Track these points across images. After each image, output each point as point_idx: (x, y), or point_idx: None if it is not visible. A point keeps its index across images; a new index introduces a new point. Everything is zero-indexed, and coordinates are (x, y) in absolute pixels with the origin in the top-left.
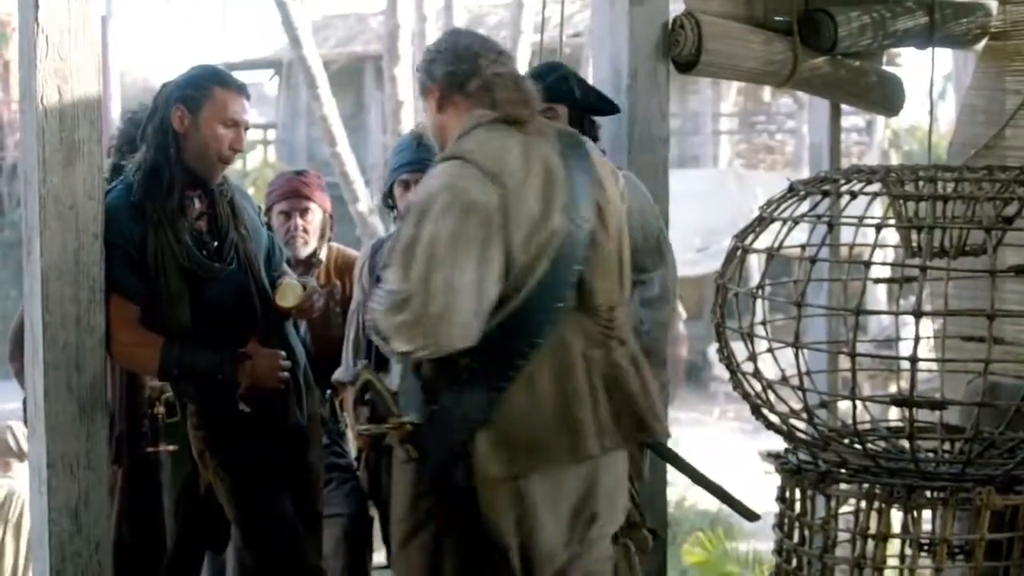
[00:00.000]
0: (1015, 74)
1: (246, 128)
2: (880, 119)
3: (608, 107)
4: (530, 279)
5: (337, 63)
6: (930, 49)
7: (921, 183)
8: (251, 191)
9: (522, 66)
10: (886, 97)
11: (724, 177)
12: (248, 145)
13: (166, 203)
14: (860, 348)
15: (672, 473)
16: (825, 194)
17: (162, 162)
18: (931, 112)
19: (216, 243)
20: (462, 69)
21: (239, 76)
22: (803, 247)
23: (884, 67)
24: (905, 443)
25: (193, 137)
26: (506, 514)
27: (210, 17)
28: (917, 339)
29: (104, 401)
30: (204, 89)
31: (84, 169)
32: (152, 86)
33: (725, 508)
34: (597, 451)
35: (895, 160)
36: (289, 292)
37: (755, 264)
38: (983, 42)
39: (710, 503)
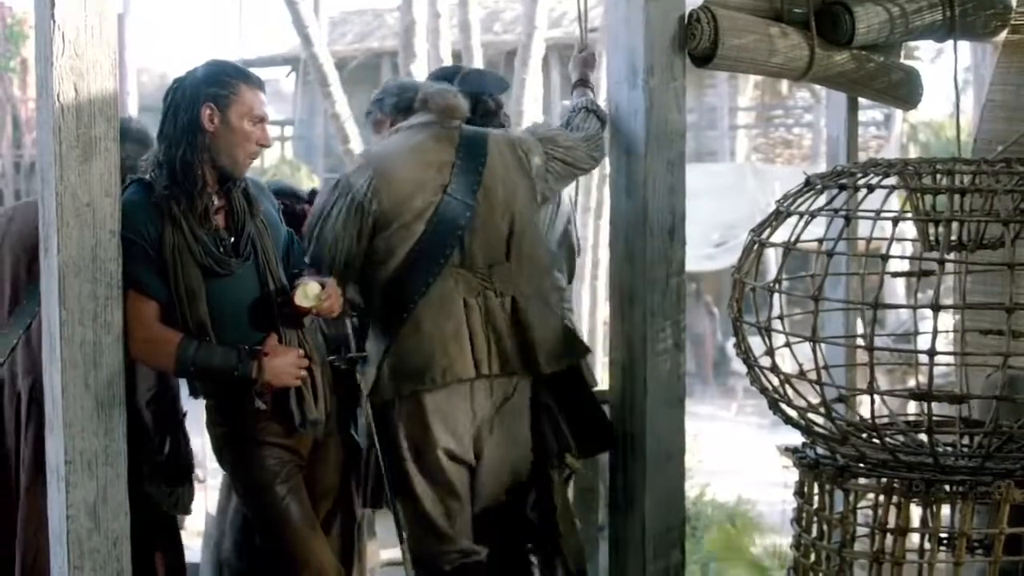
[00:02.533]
0: None
1: (267, 121)
2: (898, 113)
3: (491, 85)
4: (406, 243)
5: (354, 59)
6: (950, 42)
7: (939, 176)
8: None
9: (537, 61)
10: (905, 91)
11: (741, 171)
12: None
13: (194, 202)
14: (878, 342)
15: (688, 466)
16: (842, 188)
17: (193, 161)
18: (956, 105)
19: (233, 238)
20: (406, 97)
21: (257, 72)
22: (820, 241)
23: (904, 59)
24: (924, 437)
25: (223, 135)
26: (404, 425)
27: (227, 14)
28: (935, 333)
29: (122, 398)
30: (231, 87)
31: (101, 166)
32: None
33: (744, 503)
34: (472, 375)
35: (913, 154)
36: (308, 292)
37: (772, 258)
38: (1003, 35)
39: (728, 497)
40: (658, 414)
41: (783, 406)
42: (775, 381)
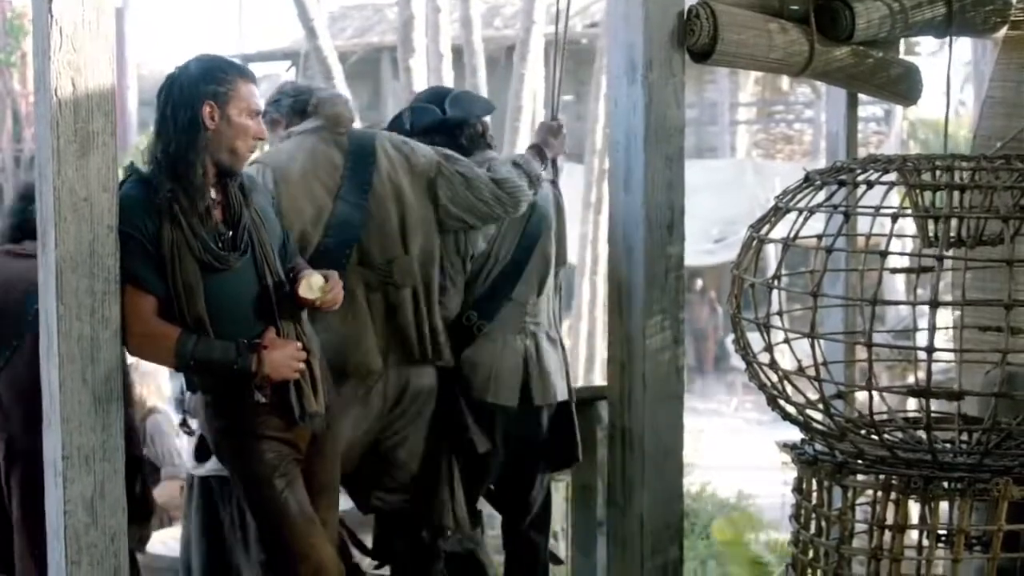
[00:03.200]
0: None
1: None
2: (898, 109)
3: (478, 108)
4: (307, 249)
5: (354, 54)
6: (948, 38)
7: (938, 172)
8: None
9: (537, 57)
10: (904, 86)
11: (742, 167)
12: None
13: (194, 200)
14: (877, 339)
15: (689, 462)
16: (841, 184)
17: (195, 159)
18: (947, 102)
19: (230, 232)
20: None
21: (256, 68)
22: (819, 237)
23: (904, 55)
24: (922, 434)
25: (224, 131)
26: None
27: (225, 9)
28: (934, 329)
29: (120, 393)
30: (229, 83)
31: (98, 161)
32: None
33: (744, 498)
34: (380, 366)
35: (913, 150)
36: (312, 283)
37: (772, 254)
38: (1003, 31)
39: (729, 492)
40: (657, 410)
41: (781, 402)
42: (774, 377)
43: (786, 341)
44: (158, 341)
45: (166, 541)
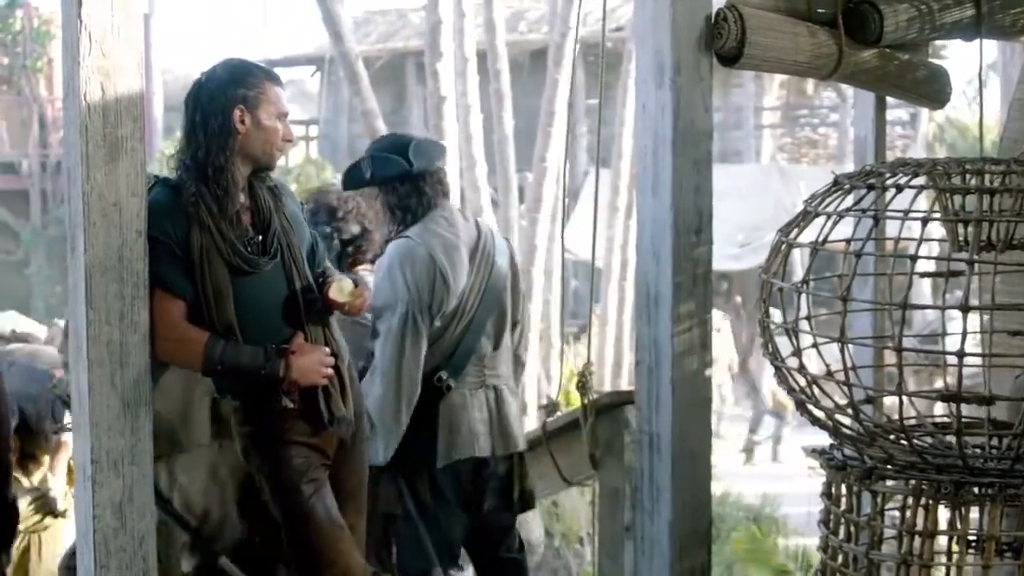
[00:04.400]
0: None
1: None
2: (924, 112)
3: (438, 155)
4: None
5: (379, 59)
6: (976, 41)
7: (968, 176)
8: (293, 188)
9: (568, 62)
10: (933, 89)
11: (767, 172)
12: None
13: (224, 204)
14: (905, 343)
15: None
16: (871, 188)
17: (225, 163)
18: (980, 104)
19: (260, 236)
20: None
21: (281, 72)
22: (848, 241)
23: (930, 58)
24: (952, 439)
25: (254, 135)
26: (163, 480)
27: (251, 14)
28: (964, 334)
29: (148, 398)
30: (258, 87)
31: (127, 166)
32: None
33: (769, 503)
34: (208, 440)
35: (940, 153)
36: (343, 287)
37: (798, 259)
38: None
39: (754, 498)
40: (684, 414)
41: (810, 407)
42: (802, 382)
43: (814, 346)
44: (186, 346)
45: None
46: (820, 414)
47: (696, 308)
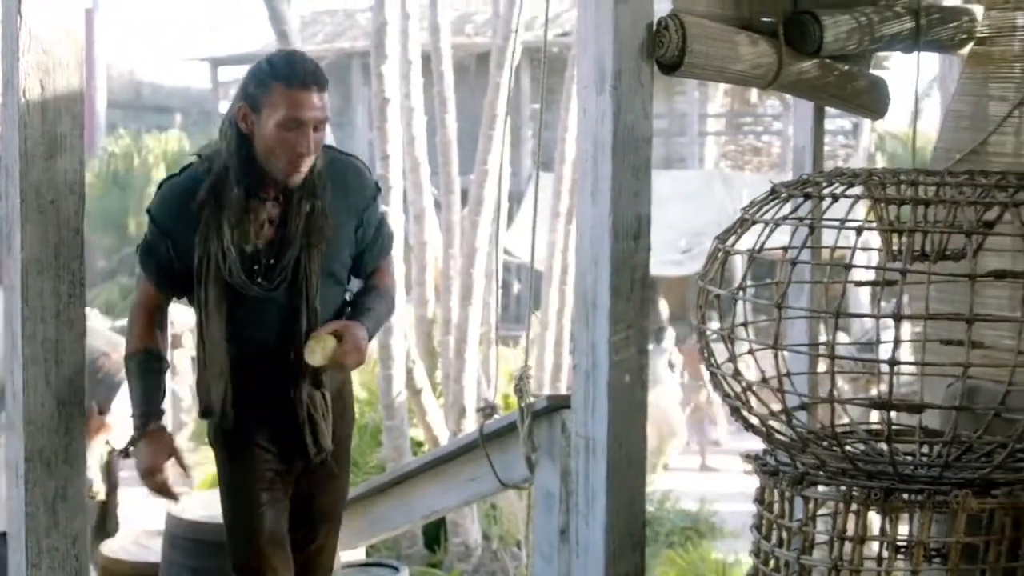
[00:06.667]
0: (999, 80)
1: (320, 125)
2: (866, 122)
3: None
4: None
5: (325, 59)
6: (916, 53)
7: (903, 187)
8: None
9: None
10: (872, 100)
11: (710, 178)
12: None
13: (226, 212)
14: (841, 351)
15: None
16: (807, 196)
17: (230, 164)
18: (915, 116)
19: (272, 261)
20: None
21: (228, 71)
22: (785, 249)
23: (872, 69)
24: (883, 446)
25: (258, 139)
26: None
27: (199, 10)
28: (896, 342)
29: (83, 396)
30: (265, 87)
31: (66, 163)
32: (138, 79)
33: (706, 509)
34: None
35: (881, 162)
36: (322, 347)
37: (739, 266)
38: (968, 47)
39: (691, 504)
40: (620, 418)
41: (744, 413)
42: (737, 388)
43: (751, 352)
44: (132, 330)
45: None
46: (754, 420)
47: (634, 313)
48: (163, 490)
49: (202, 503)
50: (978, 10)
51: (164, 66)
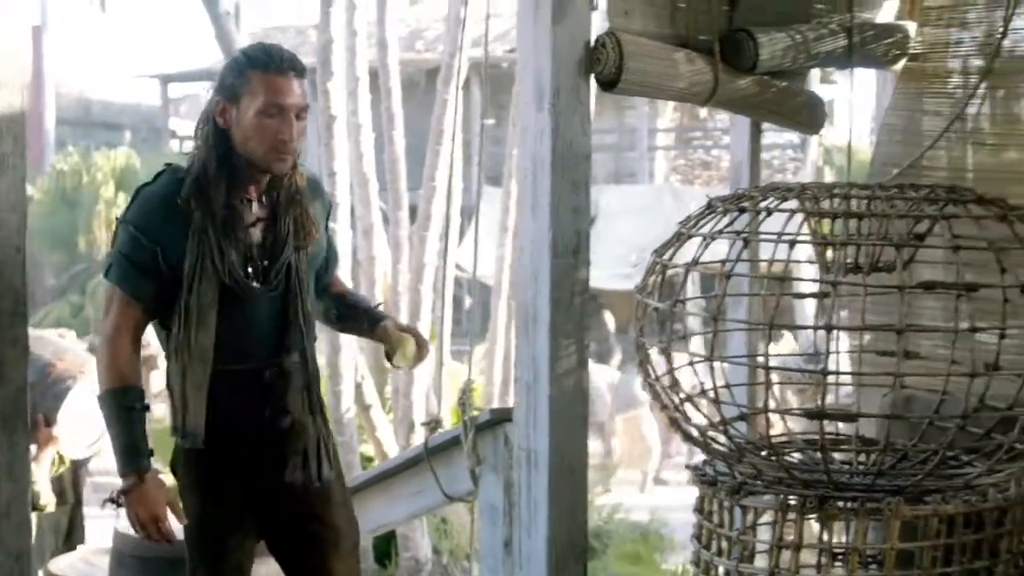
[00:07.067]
0: (933, 95)
1: (300, 112)
2: (814, 137)
3: None
4: None
5: None
6: (861, 69)
7: (836, 200)
8: None
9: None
10: (808, 116)
11: (660, 192)
12: (185, 156)
13: (213, 209)
14: (784, 362)
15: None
16: (742, 211)
17: (208, 162)
18: (850, 130)
19: (267, 261)
20: None
21: (176, 88)
22: (723, 263)
23: (821, 84)
24: (820, 455)
25: (237, 131)
26: None
27: (148, 27)
28: (828, 353)
29: (27, 412)
30: (242, 75)
31: (7, 183)
32: (87, 97)
33: (657, 521)
34: None
35: (829, 175)
36: (407, 351)
37: (691, 279)
38: (902, 63)
39: (642, 515)
40: (561, 430)
41: (683, 424)
42: (676, 400)
43: (691, 364)
44: (109, 360)
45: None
46: (692, 431)
47: (574, 327)
48: (165, 537)
49: None
50: (912, 27)
51: (114, 83)
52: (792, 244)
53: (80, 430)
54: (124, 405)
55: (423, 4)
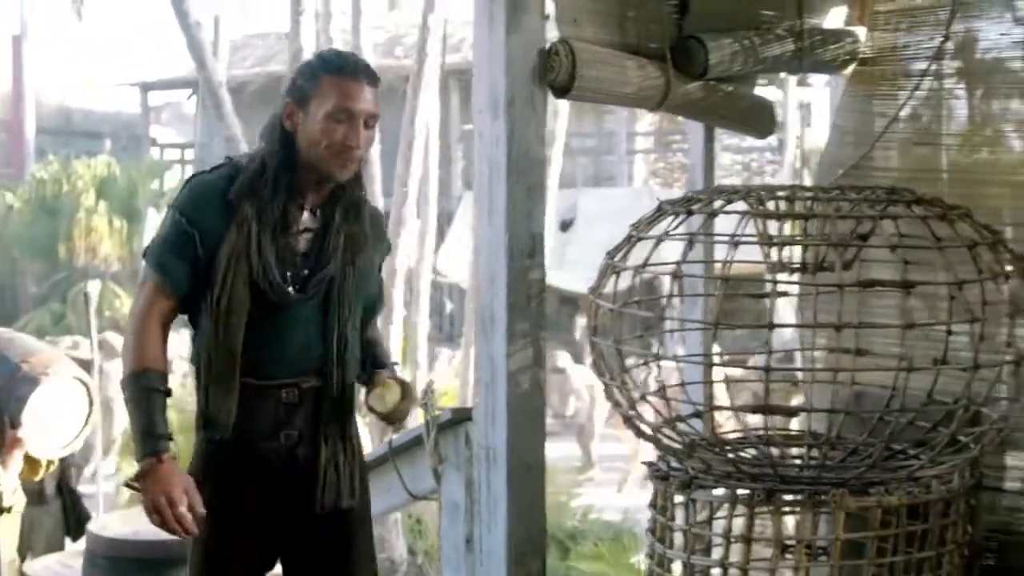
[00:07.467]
0: (882, 98)
1: (369, 120)
2: (791, 139)
3: None
4: None
5: (255, 83)
6: (800, 74)
7: (779, 202)
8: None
9: (431, 87)
10: (757, 120)
11: (639, 196)
12: (165, 165)
13: (261, 208)
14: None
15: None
16: (690, 213)
17: (268, 163)
18: (800, 134)
19: (307, 271)
20: None
21: (156, 95)
22: (677, 263)
23: (798, 86)
24: (774, 450)
25: (303, 135)
26: None
27: (126, 36)
28: (770, 352)
29: None
30: (313, 80)
31: None
32: (68, 106)
33: (630, 520)
34: None
35: (806, 177)
36: (387, 396)
37: (665, 283)
38: (851, 67)
39: (614, 515)
40: (519, 428)
41: (636, 421)
42: (631, 397)
43: (646, 363)
44: (135, 344)
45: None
46: (645, 428)
47: (530, 327)
48: (182, 523)
49: (122, 520)
50: (862, 32)
51: (95, 91)
52: (735, 244)
53: (49, 430)
54: (144, 387)
55: (401, 10)
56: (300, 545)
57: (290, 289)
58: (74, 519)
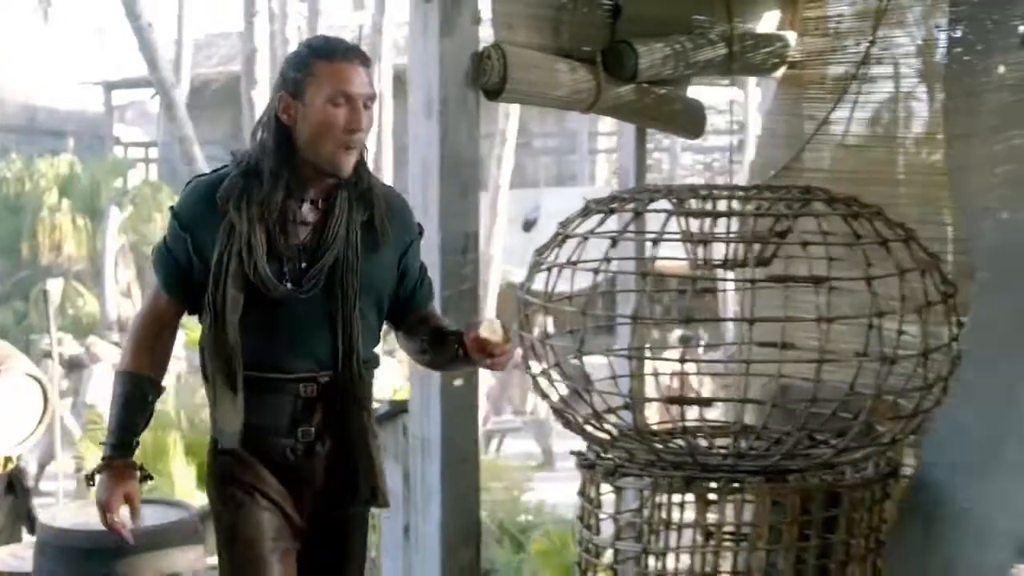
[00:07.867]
0: (811, 101)
1: (367, 101)
2: (751, 139)
3: None
4: None
5: (218, 81)
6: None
7: (698, 201)
8: (130, 210)
9: (386, 89)
10: (688, 121)
11: (600, 195)
12: (128, 163)
13: (259, 207)
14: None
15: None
16: (612, 212)
17: (263, 159)
18: (731, 135)
19: (304, 264)
20: None
21: (119, 95)
22: (603, 261)
23: (758, 87)
24: (702, 441)
25: (302, 126)
26: None
27: (89, 36)
28: (686, 346)
29: None
30: (306, 68)
31: None
32: (32, 104)
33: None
34: None
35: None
36: (495, 326)
37: (632, 283)
38: (782, 70)
39: (569, 509)
40: (452, 420)
41: (564, 413)
42: (560, 391)
43: (578, 357)
44: (130, 343)
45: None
46: (571, 419)
47: (463, 323)
48: (114, 528)
49: (72, 511)
50: (792, 36)
51: (58, 90)
52: (655, 242)
53: (0, 427)
54: (125, 390)
55: (369, 10)
56: (302, 541)
57: (288, 284)
58: (25, 515)
